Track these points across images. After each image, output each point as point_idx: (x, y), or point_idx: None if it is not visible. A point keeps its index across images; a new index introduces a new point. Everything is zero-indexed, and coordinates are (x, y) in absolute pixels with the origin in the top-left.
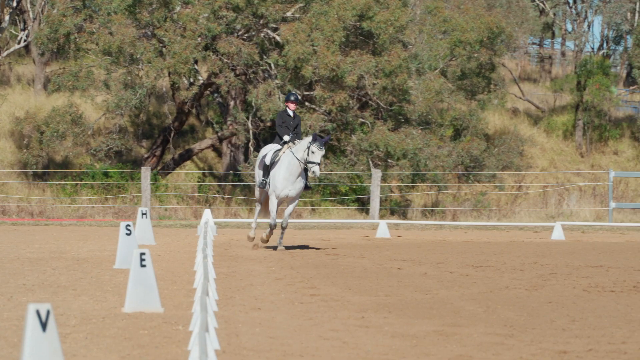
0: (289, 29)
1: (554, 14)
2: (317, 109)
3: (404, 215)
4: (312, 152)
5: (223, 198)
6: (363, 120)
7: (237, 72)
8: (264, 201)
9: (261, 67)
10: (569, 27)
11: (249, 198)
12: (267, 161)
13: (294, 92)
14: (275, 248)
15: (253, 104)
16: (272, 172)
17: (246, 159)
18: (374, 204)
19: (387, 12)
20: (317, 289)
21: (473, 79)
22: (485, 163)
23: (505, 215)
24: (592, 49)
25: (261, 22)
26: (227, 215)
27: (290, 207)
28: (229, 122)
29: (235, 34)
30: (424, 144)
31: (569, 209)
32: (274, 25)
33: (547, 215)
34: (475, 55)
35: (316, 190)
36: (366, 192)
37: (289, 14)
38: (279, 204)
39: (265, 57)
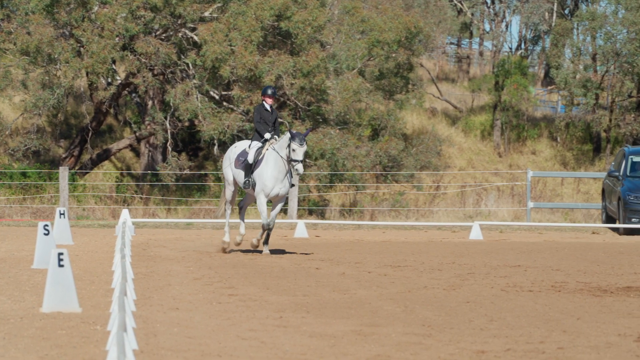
0: (207, 29)
1: (472, 14)
2: (235, 108)
3: (322, 215)
4: (294, 150)
5: (141, 198)
6: (281, 120)
7: (155, 72)
8: (247, 202)
9: (179, 67)
10: (487, 27)
11: (167, 198)
12: (250, 160)
13: (271, 85)
14: (256, 252)
15: (171, 104)
16: (257, 172)
17: (164, 159)
18: (292, 204)
19: (305, 12)
20: (235, 288)
21: (391, 78)
22: (404, 163)
23: (423, 215)
24: (510, 49)
25: (179, 22)
26: (145, 215)
27: (278, 207)
28: (146, 122)
29: (153, 34)
30: (342, 144)
31: (487, 208)
32: (192, 25)
33: (465, 215)
34: (393, 55)
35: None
36: None
37: (206, 14)
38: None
39: (183, 57)
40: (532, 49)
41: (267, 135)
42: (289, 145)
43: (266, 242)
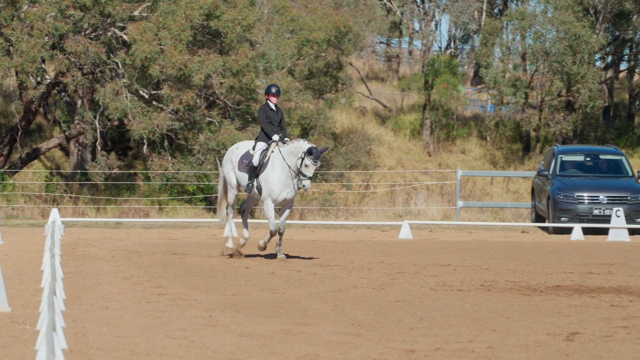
0: (136, 28)
1: (402, 13)
2: (164, 108)
3: (251, 214)
4: (306, 166)
5: (71, 197)
6: (210, 119)
7: (85, 71)
8: (249, 205)
9: (108, 66)
10: (417, 26)
11: (96, 197)
12: (255, 162)
13: (274, 84)
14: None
15: (100, 103)
16: (263, 175)
17: (93, 158)
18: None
19: (235, 11)
20: (165, 288)
21: (321, 78)
22: (333, 162)
23: (352, 214)
24: (440, 48)
25: (108, 21)
26: (74, 214)
27: (287, 212)
28: (76, 121)
29: (83, 33)
30: None
31: (417, 207)
32: (122, 25)
33: (395, 214)
34: (323, 54)
35: (163, 190)
36: (213, 192)
37: (136, 13)
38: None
39: (112, 56)
40: (462, 48)
41: (275, 137)
42: (302, 158)
43: (279, 245)
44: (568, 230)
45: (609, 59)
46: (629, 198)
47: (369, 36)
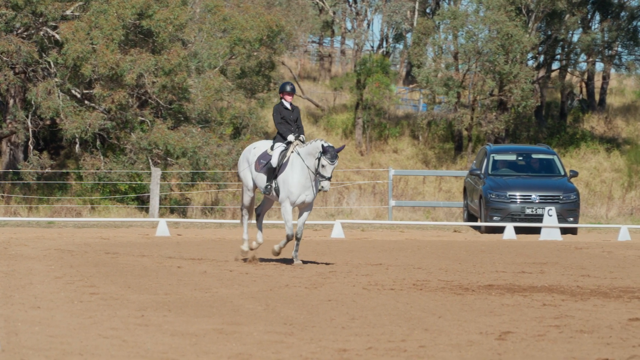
0: (69, 28)
1: (334, 13)
2: (96, 107)
3: (183, 213)
4: (323, 166)
5: (2, 197)
6: (143, 118)
7: (17, 71)
8: (264, 208)
9: (41, 66)
10: (349, 25)
11: (29, 197)
12: (274, 163)
13: (288, 81)
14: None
15: (33, 103)
16: (282, 177)
17: (25, 158)
18: (154, 203)
19: (167, 10)
20: (97, 287)
21: (253, 77)
22: None
23: None
24: (372, 47)
25: (40, 20)
26: (6, 214)
27: (305, 215)
28: (8, 121)
29: (15, 32)
30: (204, 143)
31: (349, 207)
32: (54, 24)
33: (327, 214)
34: (255, 53)
35: (95, 189)
36: (146, 191)
37: (68, 12)
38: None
39: (44, 55)
40: (394, 47)
41: (290, 137)
42: (318, 158)
43: (296, 251)
44: (500, 230)
45: (541, 58)
46: (561, 197)
47: (301, 35)
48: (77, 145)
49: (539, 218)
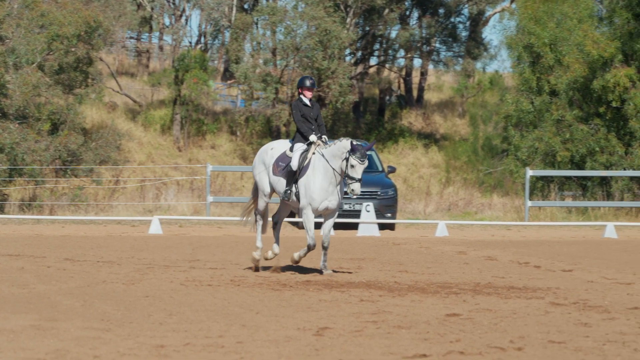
0: None
1: (152, 8)
2: None
3: (1, 209)
4: (352, 166)
5: None
6: None
7: None
8: (282, 215)
9: None
10: (167, 21)
11: None
12: (294, 166)
13: (308, 75)
14: (320, 272)
15: None
16: (303, 180)
17: None
18: None
19: None
20: None
21: (71, 73)
22: (83, 157)
23: (103, 209)
24: (190, 43)
25: None
26: None
27: (330, 222)
28: None
29: None
30: (21, 138)
31: (167, 203)
32: None
33: (145, 210)
34: (73, 49)
35: None
36: None
37: None
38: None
39: None
40: (212, 43)
41: (312, 138)
42: (346, 159)
43: (324, 261)
44: (317, 225)
45: (360, 54)
46: (378, 193)
47: (119, 31)
48: None
49: (356, 214)
